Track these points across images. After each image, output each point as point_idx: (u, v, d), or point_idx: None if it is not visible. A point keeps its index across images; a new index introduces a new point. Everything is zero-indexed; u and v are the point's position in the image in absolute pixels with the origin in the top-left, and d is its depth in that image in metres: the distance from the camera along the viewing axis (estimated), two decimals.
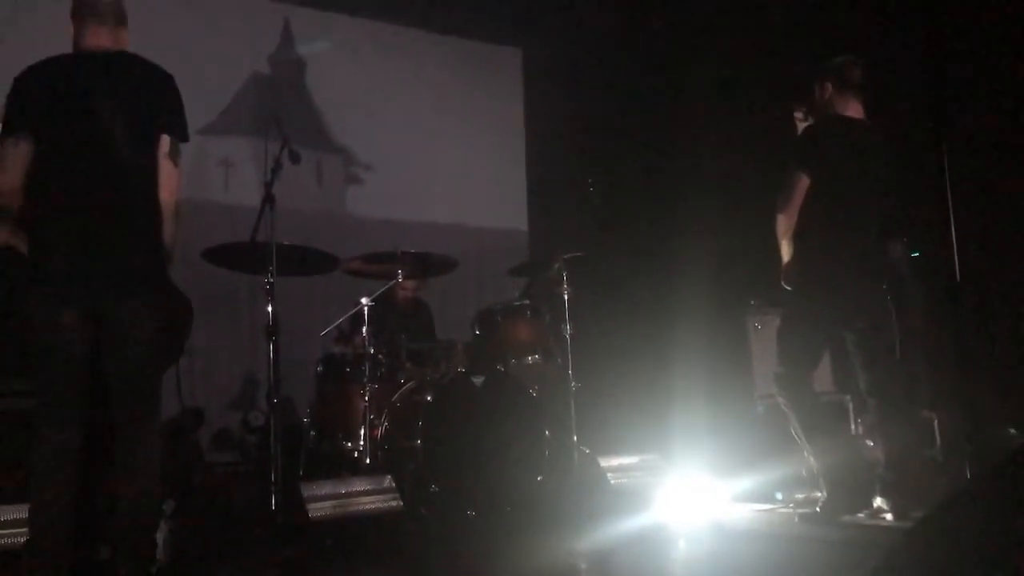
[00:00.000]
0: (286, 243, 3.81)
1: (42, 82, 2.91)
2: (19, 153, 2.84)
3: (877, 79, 3.88)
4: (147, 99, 2.99)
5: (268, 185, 3.67)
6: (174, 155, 3.00)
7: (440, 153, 7.38)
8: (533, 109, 8.07)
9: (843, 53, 3.93)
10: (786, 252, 3.81)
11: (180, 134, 3.04)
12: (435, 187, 7.31)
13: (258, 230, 3.74)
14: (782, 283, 3.84)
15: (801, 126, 4.02)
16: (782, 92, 4.59)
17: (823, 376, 4.40)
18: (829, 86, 3.89)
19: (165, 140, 2.98)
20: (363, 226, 7.03)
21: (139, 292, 2.90)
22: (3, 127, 2.89)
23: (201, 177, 6.27)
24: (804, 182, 3.75)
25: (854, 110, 3.87)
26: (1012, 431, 4.34)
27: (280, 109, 6.25)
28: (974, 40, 4.07)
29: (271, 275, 3.69)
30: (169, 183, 2.99)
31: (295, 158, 3.71)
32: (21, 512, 2.97)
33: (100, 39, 2.98)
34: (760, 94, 5.62)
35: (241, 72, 6.81)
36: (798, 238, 3.78)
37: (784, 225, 3.79)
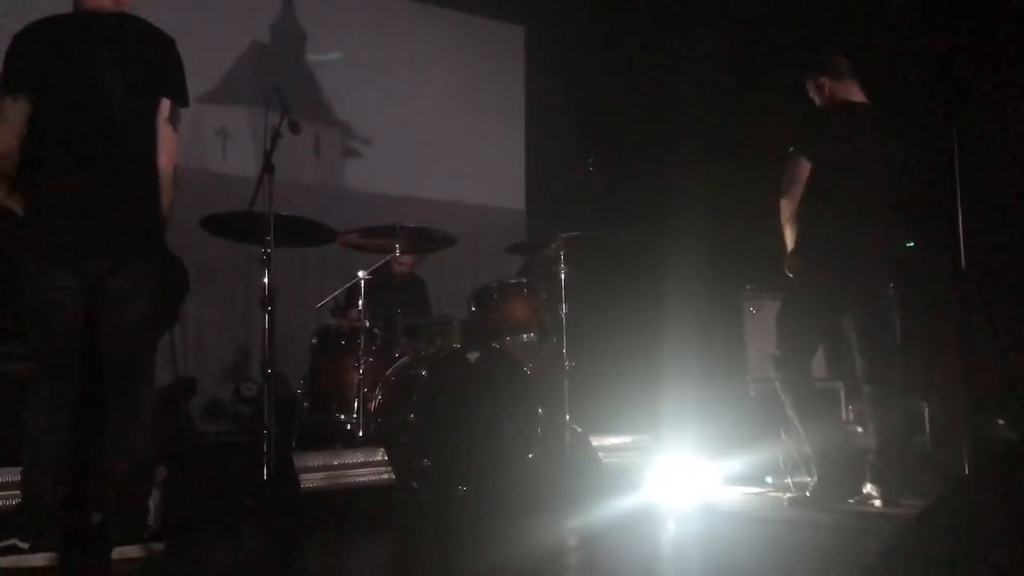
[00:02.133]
0: (284, 214, 3.79)
1: (41, 41, 2.87)
2: (16, 112, 2.81)
3: (886, 65, 3.86)
4: (148, 62, 2.96)
5: (268, 154, 3.64)
6: (174, 120, 2.98)
7: (439, 129, 7.34)
8: (534, 87, 8.03)
9: (850, 38, 3.92)
10: (790, 238, 3.80)
11: (181, 99, 3.01)
12: (433, 163, 7.28)
13: (256, 200, 3.72)
14: (785, 270, 3.83)
15: (816, 96, 3.99)
16: (785, 76, 4.57)
17: (816, 362, 4.41)
18: (826, 81, 3.88)
19: (165, 104, 2.96)
20: (360, 200, 7.00)
21: (136, 257, 2.88)
22: (3, 87, 2.85)
23: (199, 146, 6.22)
24: (806, 166, 3.74)
25: (856, 95, 3.86)
26: (1000, 422, 4.37)
27: (280, 79, 6.21)
28: (983, 24, 4.05)
29: (268, 246, 3.67)
30: (168, 148, 2.97)
31: (295, 128, 3.67)
32: (13, 475, 2.98)
33: (101, 1, 2.94)
34: (762, 77, 5.60)
35: (241, 41, 6.75)
36: (801, 223, 3.76)
37: (787, 210, 3.77)
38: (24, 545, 2.70)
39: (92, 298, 2.85)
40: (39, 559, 2.69)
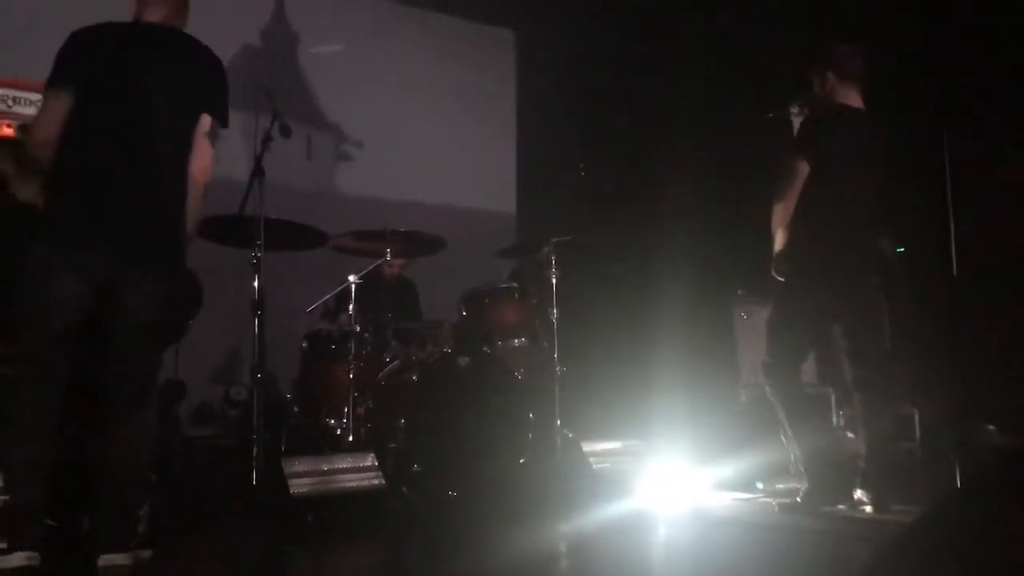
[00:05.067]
0: (274, 218, 3.77)
1: (94, 42, 2.89)
2: (58, 106, 2.80)
3: (876, 67, 3.85)
4: (193, 77, 3.00)
5: (258, 158, 3.63)
6: (212, 136, 2.99)
7: (430, 133, 7.33)
8: (525, 91, 8.03)
9: (841, 42, 3.91)
10: (779, 241, 3.78)
11: (222, 118, 3.04)
12: (425, 167, 7.26)
13: (246, 203, 3.70)
14: (772, 272, 3.83)
15: (796, 121, 3.99)
16: (776, 81, 4.57)
17: (806, 368, 4.42)
18: (831, 76, 3.86)
19: (206, 120, 2.98)
20: (351, 203, 6.98)
21: (151, 266, 2.85)
22: (49, 79, 2.86)
23: None
24: (804, 169, 3.72)
25: (853, 100, 3.84)
26: (990, 428, 4.37)
27: (271, 83, 6.19)
28: (977, 28, 4.05)
29: (258, 249, 3.65)
30: (203, 162, 2.97)
31: (286, 131, 3.67)
32: None
33: (160, 15, 2.99)
34: (753, 81, 5.61)
35: (231, 44, 6.72)
36: (792, 227, 3.75)
37: (781, 214, 3.75)
38: (3, 545, 2.66)
39: (99, 304, 2.80)
40: (17, 559, 2.63)
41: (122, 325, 2.83)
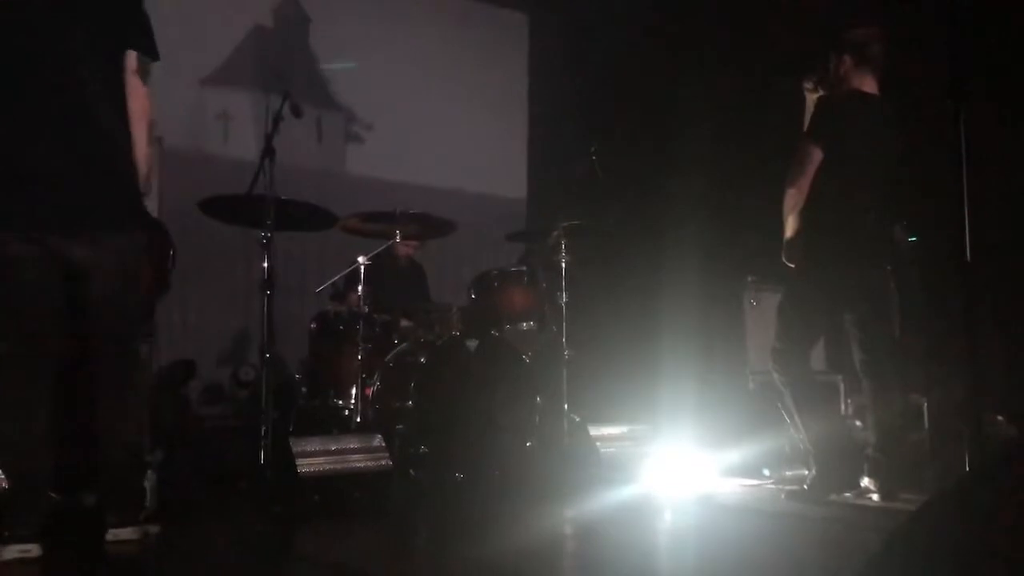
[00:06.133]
0: (284, 198, 3.77)
1: None
2: None
3: (890, 49, 3.80)
4: (108, 14, 2.79)
5: (268, 138, 3.62)
6: (143, 73, 2.81)
7: (441, 116, 7.32)
8: (537, 76, 8.00)
9: (854, 24, 3.86)
10: (791, 227, 3.76)
11: (148, 51, 2.84)
12: (435, 150, 7.26)
13: (256, 183, 3.70)
14: (783, 259, 3.81)
15: (810, 97, 3.95)
16: (786, 65, 4.53)
17: (815, 356, 4.40)
18: (847, 59, 3.80)
19: (132, 57, 2.79)
20: (361, 185, 6.99)
21: (112, 230, 2.74)
22: None
23: (199, 129, 6.20)
24: (818, 156, 3.69)
25: (869, 85, 3.80)
26: (1000, 418, 4.36)
27: (282, 64, 6.19)
28: (993, 9, 3.98)
29: (268, 229, 3.65)
30: (139, 103, 2.80)
31: (297, 111, 3.66)
32: None
33: None
34: (767, 68, 5.57)
35: (242, 24, 6.72)
36: (805, 213, 3.73)
37: (793, 199, 3.72)
38: (17, 534, 2.64)
39: (66, 272, 2.70)
40: (25, 547, 2.61)
41: (96, 296, 2.74)
